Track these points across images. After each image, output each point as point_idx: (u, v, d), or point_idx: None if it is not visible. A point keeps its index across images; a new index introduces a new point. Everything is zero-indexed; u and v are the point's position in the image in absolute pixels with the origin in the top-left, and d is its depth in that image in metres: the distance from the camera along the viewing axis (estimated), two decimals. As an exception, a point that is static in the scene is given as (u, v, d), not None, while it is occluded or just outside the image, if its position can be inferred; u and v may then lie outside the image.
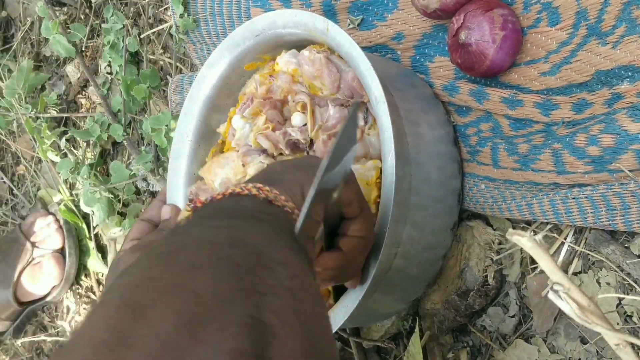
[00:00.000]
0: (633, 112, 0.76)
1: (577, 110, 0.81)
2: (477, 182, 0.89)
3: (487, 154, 0.88)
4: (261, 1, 1.06)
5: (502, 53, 0.83)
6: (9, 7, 1.59)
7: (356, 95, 0.86)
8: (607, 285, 0.81)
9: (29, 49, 1.54)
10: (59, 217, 1.39)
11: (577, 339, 0.83)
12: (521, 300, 0.88)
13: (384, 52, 0.97)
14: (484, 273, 0.88)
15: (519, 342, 0.87)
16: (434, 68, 0.93)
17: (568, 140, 0.80)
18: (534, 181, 0.84)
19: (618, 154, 0.77)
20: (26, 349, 1.48)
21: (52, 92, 1.46)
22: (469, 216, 0.92)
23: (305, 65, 0.88)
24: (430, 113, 0.89)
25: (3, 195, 1.59)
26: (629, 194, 0.75)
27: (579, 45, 0.82)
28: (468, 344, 0.92)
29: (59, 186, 1.43)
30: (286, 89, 0.90)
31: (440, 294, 0.92)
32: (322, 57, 0.87)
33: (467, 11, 0.84)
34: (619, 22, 0.79)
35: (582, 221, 0.79)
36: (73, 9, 1.44)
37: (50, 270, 1.38)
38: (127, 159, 1.35)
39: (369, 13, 0.97)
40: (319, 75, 0.87)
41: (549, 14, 0.83)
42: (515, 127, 0.86)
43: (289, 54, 0.91)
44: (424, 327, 0.95)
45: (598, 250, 0.81)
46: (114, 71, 1.33)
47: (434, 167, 0.85)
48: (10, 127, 1.51)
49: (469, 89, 0.88)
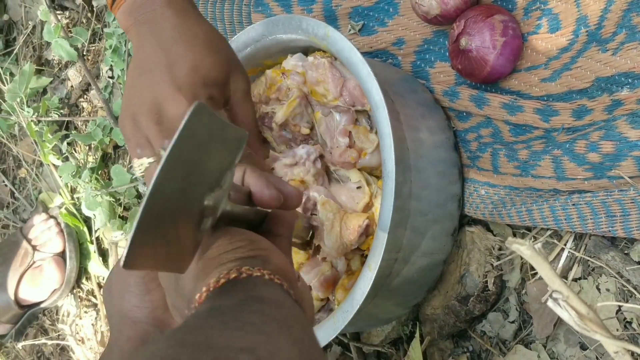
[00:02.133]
0: (633, 119, 0.76)
1: (577, 116, 0.81)
2: (477, 187, 0.89)
3: (487, 159, 0.88)
4: (262, 6, 1.06)
5: (502, 59, 0.83)
6: (10, 11, 1.60)
7: (357, 103, 0.86)
8: (607, 292, 0.81)
9: (31, 53, 1.54)
10: (60, 221, 1.39)
11: (577, 345, 0.83)
12: (521, 306, 0.88)
13: (384, 58, 0.98)
14: (484, 278, 0.88)
15: (518, 348, 0.87)
16: (434, 73, 0.94)
17: (568, 147, 0.80)
18: (534, 187, 0.84)
19: (618, 161, 0.77)
20: (27, 352, 1.48)
21: (54, 96, 1.46)
22: (469, 222, 0.92)
23: (309, 71, 0.88)
24: (431, 118, 0.89)
25: (4, 198, 1.59)
26: (629, 201, 0.75)
27: (579, 52, 0.82)
28: (468, 349, 0.92)
29: (60, 189, 1.43)
30: (294, 87, 0.89)
31: (440, 299, 0.92)
32: (325, 62, 0.87)
33: (468, 17, 0.84)
34: (619, 29, 0.79)
35: (582, 227, 0.79)
36: (75, 13, 1.44)
37: (51, 273, 1.38)
38: (129, 162, 1.35)
39: (369, 19, 0.97)
40: (322, 80, 0.87)
41: (550, 20, 0.84)
42: (515, 132, 0.86)
43: (296, 57, 0.90)
44: (424, 332, 0.95)
45: (598, 256, 0.81)
46: (115, 75, 1.33)
47: (434, 173, 0.86)
48: (12, 130, 1.51)
49: (469, 94, 0.88)
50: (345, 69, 0.87)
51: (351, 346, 1.00)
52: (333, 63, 0.87)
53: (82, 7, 1.42)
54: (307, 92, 0.89)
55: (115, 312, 0.68)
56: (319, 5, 1.00)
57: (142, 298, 0.67)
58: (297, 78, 0.88)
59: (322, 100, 0.87)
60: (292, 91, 0.88)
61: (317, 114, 0.89)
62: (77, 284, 1.43)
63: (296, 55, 0.91)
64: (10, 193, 1.58)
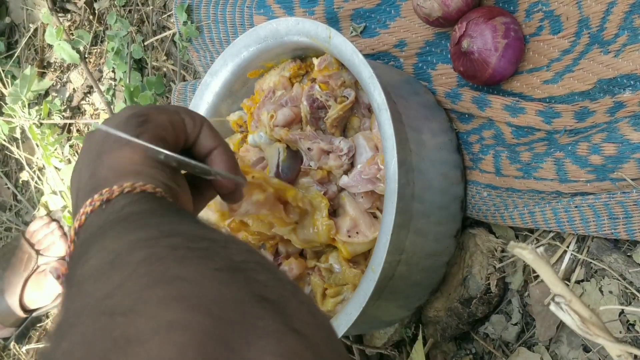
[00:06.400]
0: (635, 121, 0.76)
1: (579, 118, 0.81)
2: (480, 189, 0.89)
3: (490, 161, 0.88)
4: (264, 9, 1.06)
5: (504, 61, 0.83)
6: (12, 14, 1.60)
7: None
8: (610, 294, 0.81)
9: (33, 55, 1.54)
10: (63, 224, 1.39)
11: (580, 347, 0.83)
12: (524, 308, 0.88)
13: (386, 60, 0.98)
14: (487, 281, 0.88)
15: (521, 350, 0.87)
16: (436, 75, 0.94)
17: (570, 149, 0.80)
18: (536, 189, 0.84)
19: (620, 163, 0.77)
20: (30, 355, 1.48)
21: (56, 99, 1.46)
22: (471, 223, 0.92)
23: None
24: (433, 120, 0.89)
25: (7, 201, 1.60)
26: (632, 203, 0.75)
27: (581, 54, 0.82)
28: (471, 351, 0.92)
29: (63, 192, 1.43)
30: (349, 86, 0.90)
31: (443, 302, 0.92)
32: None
33: (470, 19, 0.84)
34: (621, 31, 0.79)
35: (584, 230, 0.79)
36: (77, 16, 1.45)
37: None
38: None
39: (371, 21, 0.97)
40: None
41: (551, 22, 0.84)
42: (518, 134, 0.86)
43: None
44: (426, 334, 0.95)
45: (600, 258, 0.81)
46: (117, 77, 1.33)
47: (437, 174, 0.86)
48: (14, 133, 1.51)
49: (472, 96, 0.88)
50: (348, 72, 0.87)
51: (354, 348, 1.00)
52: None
53: (84, 10, 1.42)
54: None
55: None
56: (320, 8, 1.00)
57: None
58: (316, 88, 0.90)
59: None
60: (347, 90, 0.89)
61: (354, 119, 0.90)
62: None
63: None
64: (12, 196, 1.58)
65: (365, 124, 0.89)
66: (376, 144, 0.87)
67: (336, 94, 0.89)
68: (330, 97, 0.88)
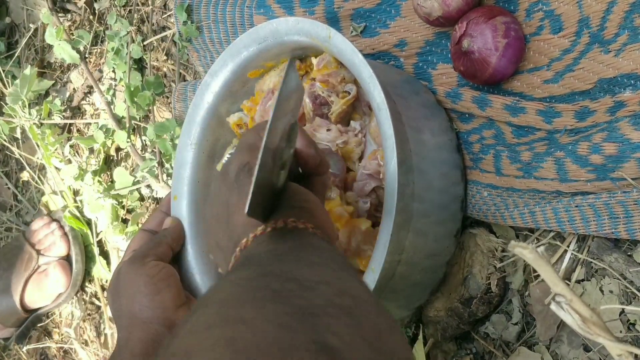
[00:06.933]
0: (635, 121, 0.76)
1: (579, 118, 0.81)
2: (480, 189, 0.89)
3: (490, 161, 0.88)
4: (264, 8, 1.06)
5: (504, 61, 0.83)
6: (12, 14, 1.60)
7: None
8: (610, 293, 0.81)
9: (33, 55, 1.54)
10: (63, 224, 1.39)
11: (581, 346, 0.83)
12: (524, 308, 0.88)
13: (386, 60, 0.97)
14: (487, 280, 0.88)
15: (522, 350, 0.87)
16: (436, 75, 0.94)
17: (571, 149, 0.80)
18: (536, 189, 0.84)
19: (621, 162, 0.77)
20: (31, 355, 1.48)
21: (56, 99, 1.46)
22: (472, 223, 0.92)
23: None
24: (433, 120, 0.89)
25: (7, 201, 1.60)
26: (632, 202, 0.75)
27: (582, 53, 0.82)
28: (471, 351, 0.92)
29: (63, 192, 1.43)
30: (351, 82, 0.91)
31: (443, 302, 0.91)
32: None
33: (470, 19, 0.84)
34: (622, 30, 0.79)
35: (585, 229, 0.79)
36: (77, 16, 1.45)
37: (57, 277, 1.38)
38: (131, 165, 1.35)
39: (371, 20, 0.97)
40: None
41: (552, 21, 0.83)
42: (518, 134, 0.86)
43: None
44: (427, 334, 0.95)
45: (601, 258, 0.81)
46: (118, 77, 1.33)
47: (437, 174, 0.85)
48: (14, 133, 1.51)
49: (472, 95, 0.88)
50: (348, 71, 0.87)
51: (354, 348, 1.00)
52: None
53: (84, 10, 1.42)
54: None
55: (124, 313, 0.68)
56: (320, 7, 1.00)
57: (152, 298, 0.67)
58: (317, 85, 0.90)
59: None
60: (348, 85, 0.89)
61: (355, 116, 0.90)
62: (81, 287, 1.43)
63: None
64: (13, 196, 1.58)
65: (365, 122, 0.90)
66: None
67: (337, 90, 0.89)
68: (332, 93, 0.88)
